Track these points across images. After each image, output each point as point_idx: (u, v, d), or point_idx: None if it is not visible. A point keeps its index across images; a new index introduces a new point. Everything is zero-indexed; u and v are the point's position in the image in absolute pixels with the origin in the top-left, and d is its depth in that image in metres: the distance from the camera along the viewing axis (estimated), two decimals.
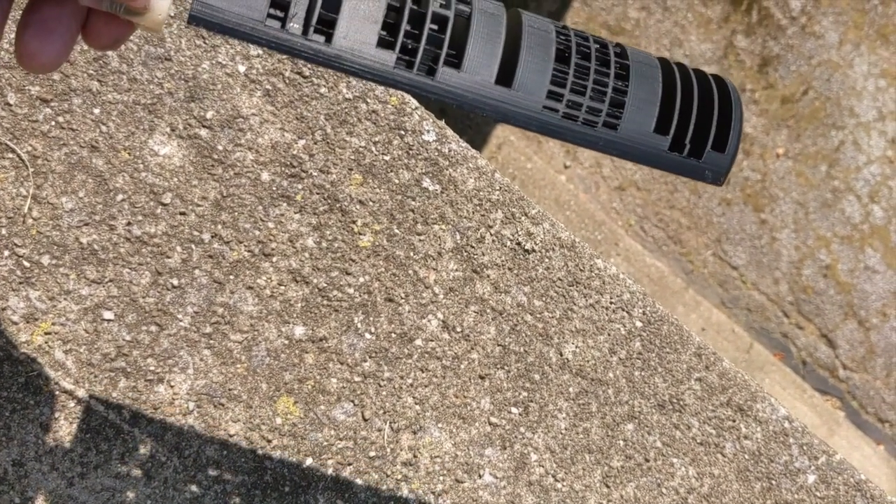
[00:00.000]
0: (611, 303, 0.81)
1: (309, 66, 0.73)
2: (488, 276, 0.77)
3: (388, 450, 0.70)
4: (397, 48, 0.33)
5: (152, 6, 0.33)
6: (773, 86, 2.70)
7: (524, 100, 0.34)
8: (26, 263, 0.63)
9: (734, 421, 0.83)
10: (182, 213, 0.67)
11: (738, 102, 0.37)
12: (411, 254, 0.74)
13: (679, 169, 0.36)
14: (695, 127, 0.36)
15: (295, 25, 0.32)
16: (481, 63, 0.34)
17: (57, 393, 0.62)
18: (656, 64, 0.37)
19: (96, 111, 0.66)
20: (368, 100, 0.75)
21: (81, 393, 0.63)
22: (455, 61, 0.34)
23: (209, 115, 0.69)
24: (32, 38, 0.33)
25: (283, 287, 0.69)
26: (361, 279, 0.72)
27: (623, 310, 0.81)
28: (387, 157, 0.75)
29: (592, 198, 2.66)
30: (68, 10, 0.33)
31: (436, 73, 0.33)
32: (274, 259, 0.69)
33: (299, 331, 0.69)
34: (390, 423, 0.71)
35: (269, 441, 0.67)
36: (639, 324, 0.82)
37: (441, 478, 0.72)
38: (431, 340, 0.73)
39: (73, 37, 0.34)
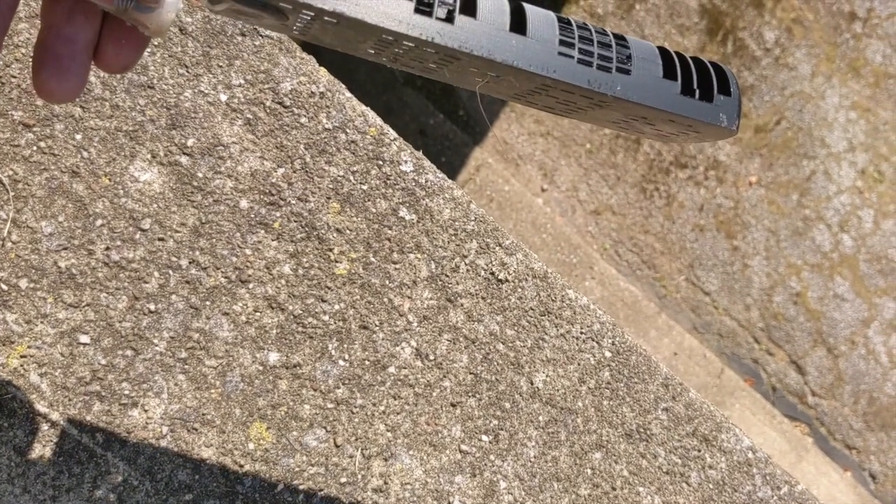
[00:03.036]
0: (581, 333, 0.83)
1: (292, 96, 0.75)
2: (462, 304, 0.78)
3: (360, 476, 0.71)
4: None
5: (164, 2, 0.34)
6: (746, 115, 2.75)
7: (540, 46, 0.35)
8: (4, 286, 0.63)
9: (699, 451, 0.85)
10: (161, 239, 0.68)
11: (726, 65, 0.39)
12: (387, 282, 0.75)
13: (695, 112, 0.38)
14: (697, 76, 0.38)
15: None
16: (494, 13, 0.35)
17: (31, 416, 0.63)
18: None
19: (78, 137, 0.67)
20: (348, 130, 0.76)
21: (55, 416, 0.63)
22: (469, 13, 0.35)
23: (190, 142, 0.70)
24: (49, 77, 0.35)
25: (258, 313, 0.70)
26: (337, 306, 0.73)
27: (593, 340, 0.83)
28: (365, 187, 0.76)
29: (569, 221, 2.69)
30: (80, 46, 0.35)
31: (454, 21, 0.34)
32: (250, 285, 0.70)
33: (274, 357, 0.70)
34: (362, 449, 0.72)
35: (241, 466, 0.68)
36: (608, 354, 0.83)
37: None
38: (404, 368, 0.75)
39: (87, 69, 0.36)
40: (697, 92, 0.38)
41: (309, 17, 0.34)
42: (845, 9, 2.86)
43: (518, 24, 0.35)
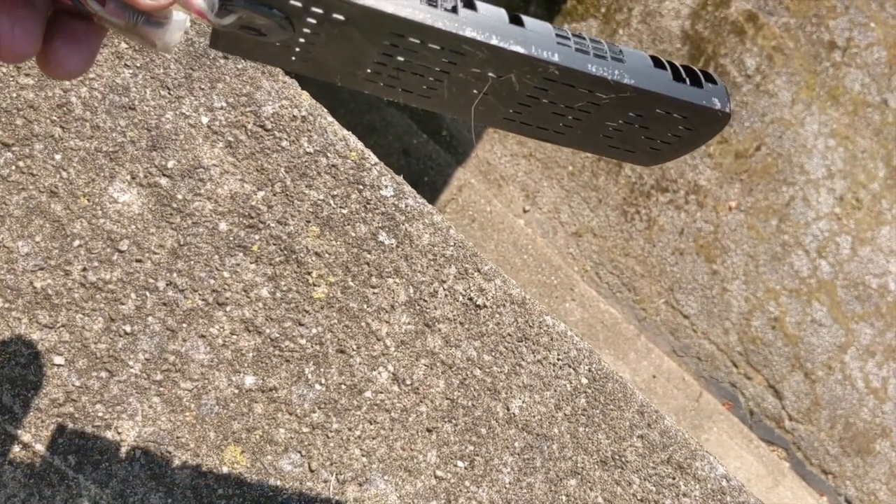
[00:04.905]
0: (558, 359, 0.83)
1: (274, 119, 0.75)
2: (440, 330, 0.78)
3: (334, 501, 0.71)
4: None
5: (172, 19, 0.34)
6: (727, 140, 2.78)
7: (539, 36, 0.37)
8: None
9: (674, 478, 0.85)
10: (138, 261, 0.68)
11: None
12: (365, 306, 0.76)
13: (690, 95, 0.39)
14: (683, 70, 0.40)
15: None
16: (493, 10, 0.36)
17: (2, 437, 0.62)
18: None
19: (57, 157, 0.67)
20: (329, 154, 0.77)
21: (27, 438, 0.63)
22: (470, 8, 0.36)
23: (170, 164, 0.70)
24: (62, 45, 0.34)
25: (235, 336, 0.70)
26: (314, 330, 0.73)
27: (570, 366, 0.83)
28: (344, 211, 0.76)
29: (550, 242, 2.70)
30: (96, 27, 0.35)
31: (458, 12, 0.35)
32: (228, 308, 0.70)
33: (250, 380, 0.70)
34: (336, 474, 0.71)
35: (214, 490, 0.67)
36: (584, 380, 0.84)
37: None
38: (381, 392, 0.75)
39: (98, 48, 0.35)
40: (687, 80, 0.39)
41: (315, 23, 0.34)
42: (825, 37, 2.90)
43: (516, 20, 0.37)
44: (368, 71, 0.39)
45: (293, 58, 0.38)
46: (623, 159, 0.47)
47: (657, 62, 0.39)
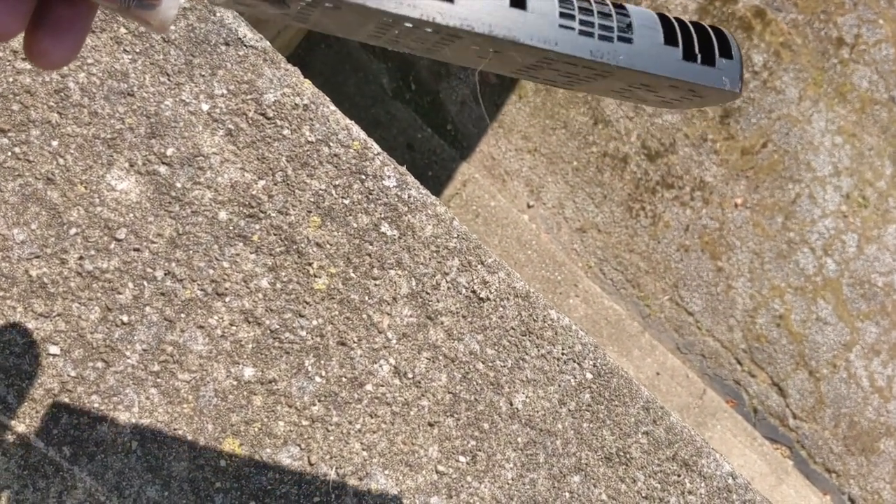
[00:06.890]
0: (562, 354, 0.82)
1: (275, 107, 0.74)
2: (442, 322, 0.77)
3: (333, 496, 0.70)
4: None
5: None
6: (733, 137, 2.76)
7: (541, 20, 0.35)
8: None
9: (679, 476, 0.84)
10: (136, 250, 0.67)
11: (726, 29, 0.39)
12: (366, 298, 0.74)
13: (699, 76, 0.38)
14: (698, 41, 0.38)
15: None
16: None
17: None
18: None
19: (54, 143, 0.66)
20: (331, 143, 0.76)
21: (21, 428, 0.62)
22: None
23: (169, 152, 0.69)
24: (45, 36, 0.33)
25: (234, 327, 0.69)
26: (314, 322, 0.72)
27: (574, 361, 0.82)
28: (346, 201, 0.75)
29: (554, 238, 2.68)
30: (81, 10, 0.33)
31: (454, 1, 0.34)
32: (227, 299, 0.69)
33: (249, 372, 0.69)
34: (336, 468, 0.70)
35: (212, 483, 0.66)
36: (589, 375, 0.82)
37: None
38: (382, 386, 0.73)
39: (84, 36, 0.34)
40: (699, 57, 0.38)
41: (307, 2, 0.33)
42: (833, 34, 2.88)
43: (517, 2, 0.35)
44: (370, 34, 0.38)
45: (293, 18, 0.37)
46: (638, 103, 0.46)
47: (669, 36, 0.37)
